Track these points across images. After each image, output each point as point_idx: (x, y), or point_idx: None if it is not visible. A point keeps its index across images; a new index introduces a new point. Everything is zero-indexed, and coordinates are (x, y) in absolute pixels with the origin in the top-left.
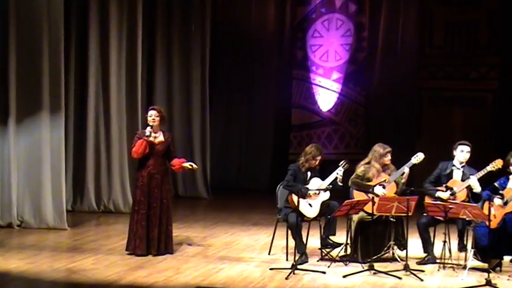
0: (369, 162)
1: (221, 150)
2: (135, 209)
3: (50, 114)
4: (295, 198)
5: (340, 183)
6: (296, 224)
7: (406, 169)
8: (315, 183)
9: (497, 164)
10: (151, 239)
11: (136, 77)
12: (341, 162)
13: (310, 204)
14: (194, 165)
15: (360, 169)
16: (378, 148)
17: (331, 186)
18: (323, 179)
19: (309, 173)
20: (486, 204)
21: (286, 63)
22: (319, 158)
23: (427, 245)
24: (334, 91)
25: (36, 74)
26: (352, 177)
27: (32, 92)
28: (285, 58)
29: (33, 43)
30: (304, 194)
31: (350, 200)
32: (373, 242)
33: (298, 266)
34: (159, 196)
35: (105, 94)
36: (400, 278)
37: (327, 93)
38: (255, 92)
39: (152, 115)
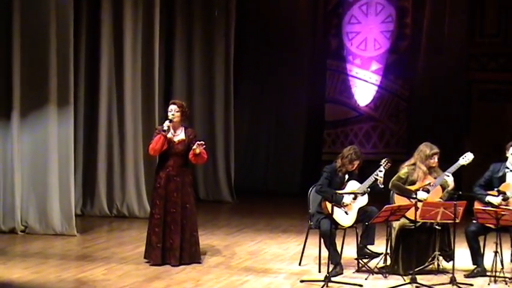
0: (414, 164)
1: (247, 150)
2: (153, 213)
3: (57, 108)
4: (329, 204)
5: (381, 185)
6: (330, 232)
7: (452, 171)
8: (352, 187)
9: None
10: (170, 248)
11: (153, 68)
12: (382, 161)
13: (346, 212)
14: (199, 144)
15: (403, 171)
16: (425, 148)
17: (369, 189)
18: (362, 181)
19: (346, 176)
20: None
21: (320, 52)
22: (356, 162)
23: (476, 256)
24: (373, 83)
25: (43, 64)
26: (394, 179)
27: (37, 84)
28: (318, 47)
29: (39, 30)
30: (338, 202)
31: (390, 205)
32: (415, 252)
33: (332, 278)
34: (179, 201)
35: (118, 87)
36: None
37: (364, 86)
38: (285, 85)
39: (172, 110)
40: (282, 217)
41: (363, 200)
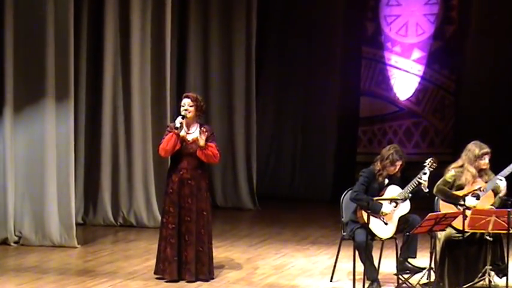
0: (461, 166)
1: (270, 151)
2: (164, 222)
3: (55, 104)
4: (365, 213)
5: (425, 190)
6: (366, 243)
7: (506, 174)
8: (392, 193)
9: None
10: (185, 261)
11: (164, 59)
12: (427, 161)
13: (385, 222)
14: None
15: (450, 173)
16: (473, 147)
17: (410, 195)
18: (404, 186)
19: (386, 180)
20: None
21: (354, 39)
22: (399, 163)
23: None
24: (415, 74)
25: (39, 54)
26: (439, 183)
27: (33, 76)
28: (352, 32)
29: (35, 14)
30: (376, 211)
31: (435, 213)
32: (464, 266)
33: None
34: (194, 207)
35: (124, 79)
36: None
37: (405, 77)
38: (314, 78)
39: (185, 104)
40: (310, 226)
41: (404, 208)
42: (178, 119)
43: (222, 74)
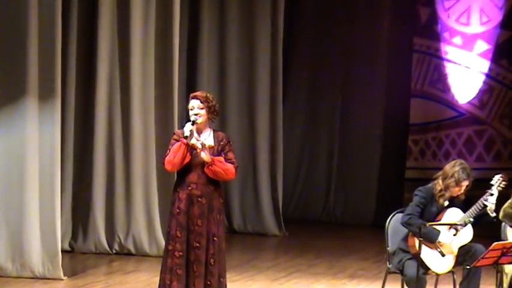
0: None
1: (300, 165)
2: (169, 249)
3: (38, 102)
4: (417, 241)
5: (492, 214)
6: (417, 279)
7: None
8: (452, 217)
9: None
10: None
11: (172, 51)
12: (494, 179)
13: (441, 253)
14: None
15: None
16: None
17: (473, 220)
18: (466, 209)
19: (446, 202)
20: None
21: (404, 28)
22: (465, 183)
23: None
24: (479, 71)
25: (19, 44)
26: (506, 206)
27: (11, 70)
28: (402, 20)
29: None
30: (432, 240)
31: (501, 242)
32: None
33: None
34: (204, 231)
35: (123, 77)
36: None
37: (466, 75)
38: (353, 76)
39: (194, 107)
40: (349, 257)
41: (466, 236)
42: (188, 126)
43: (241, 73)
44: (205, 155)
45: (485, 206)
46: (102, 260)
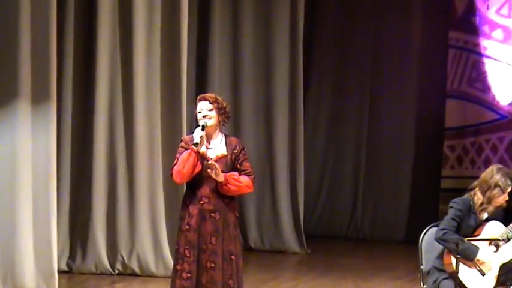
0: None
1: (323, 174)
2: (177, 269)
3: (32, 106)
4: (454, 258)
5: None
6: None
7: None
8: (492, 231)
9: None
10: None
11: (180, 50)
12: None
13: (481, 271)
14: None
15: None
16: None
17: None
18: (507, 223)
19: (485, 214)
20: None
21: (438, 20)
22: (509, 189)
23: None
24: None
25: (11, 44)
26: None
27: (2, 72)
28: (436, 12)
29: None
30: (470, 257)
31: None
32: None
33: None
34: (220, 250)
35: (126, 78)
36: None
37: (508, 73)
38: (383, 74)
39: (203, 109)
40: (378, 276)
41: (508, 252)
42: (197, 132)
43: (257, 73)
44: (216, 176)
45: None
46: (103, 282)
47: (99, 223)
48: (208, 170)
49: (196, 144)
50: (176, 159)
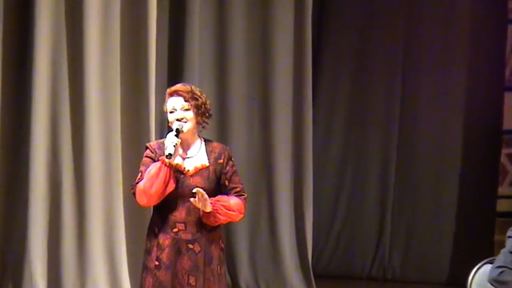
0: None
1: (339, 197)
2: None
3: None
4: None
5: None
6: None
7: None
8: None
9: None
10: None
11: (146, 31)
12: None
13: None
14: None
15: None
16: None
17: None
18: None
19: None
20: None
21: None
22: None
23: None
24: None
25: None
26: None
27: None
28: None
29: None
30: None
31: None
32: None
33: None
34: None
35: (73, 71)
36: None
37: None
38: (419, 58)
39: (176, 107)
40: None
41: None
42: (170, 138)
43: (249, 62)
44: (204, 207)
45: None
46: None
47: (37, 253)
48: (193, 200)
49: (169, 156)
50: (140, 173)
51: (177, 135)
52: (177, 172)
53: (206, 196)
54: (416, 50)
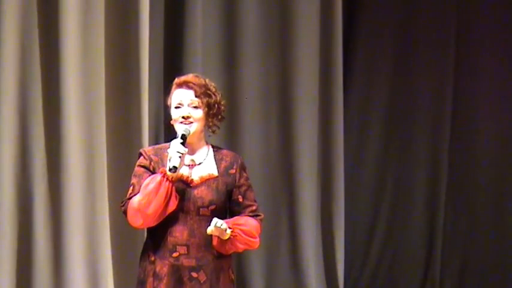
0: None
1: (377, 216)
2: None
3: None
4: None
5: None
6: None
7: None
8: None
9: None
10: None
11: (137, 13)
12: None
13: None
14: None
15: None
16: None
17: None
18: None
19: None
20: None
21: None
22: None
23: None
24: None
25: None
26: None
27: None
28: None
29: None
30: None
31: None
32: None
33: None
34: None
35: (46, 59)
36: None
37: None
38: (476, 52)
39: (184, 101)
40: None
41: None
42: (176, 147)
43: (264, 46)
44: (222, 235)
45: None
46: None
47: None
48: (210, 230)
49: (173, 169)
50: (132, 187)
51: (183, 143)
52: (179, 182)
53: (225, 225)
54: (472, 41)
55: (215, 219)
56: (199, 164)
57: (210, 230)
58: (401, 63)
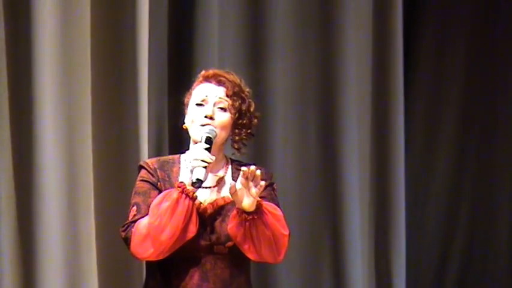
0: None
1: (449, 250)
2: None
3: None
4: None
5: None
6: None
7: None
8: None
9: None
10: None
11: (133, 12)
12: None
13: None
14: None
15: None
16: None
17: None
18: None
19: None
20: None
21: None
22: None
23: None
24: None
25: None
26: None
27: None
28: None
29: None
30: None
31: None
32: None
33: None
34: None
35: (18, 53)
36: None
37: None
38: None
39: (210, 98)
40: None
41: None
42: (200, 154)
43: (300, 38)
44: (246, 194)
45: None
46: None
47: None
48: (232, 184)
49: (198, 183)
50: (136, 207)
51: (209, 149)
52: (203, 212)
53: (261, 182)
54: None
55: (244, 168)
56: (215, 186)
57: (239, 183)
58: (477, 57)
